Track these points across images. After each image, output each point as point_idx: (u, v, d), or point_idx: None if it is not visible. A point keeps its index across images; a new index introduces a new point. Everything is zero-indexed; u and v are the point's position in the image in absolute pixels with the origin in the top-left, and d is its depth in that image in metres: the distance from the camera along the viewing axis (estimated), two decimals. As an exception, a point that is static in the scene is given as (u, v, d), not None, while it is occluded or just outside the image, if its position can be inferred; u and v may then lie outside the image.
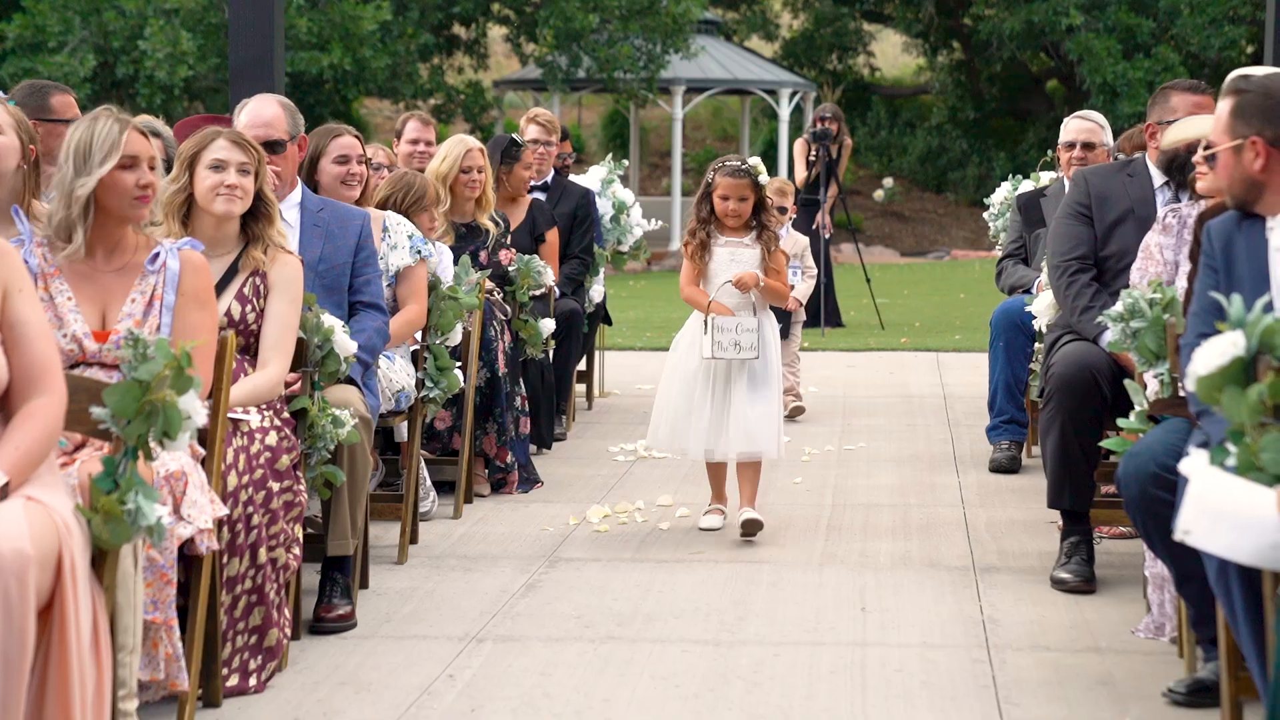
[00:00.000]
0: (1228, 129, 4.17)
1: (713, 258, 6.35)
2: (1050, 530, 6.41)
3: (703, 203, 6.39)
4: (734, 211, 6.32)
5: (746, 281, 6.27)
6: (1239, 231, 4.19)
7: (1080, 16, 25.65)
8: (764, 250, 6.36)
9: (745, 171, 6.34)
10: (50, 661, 3.30)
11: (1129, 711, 4.40)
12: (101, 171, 4.21)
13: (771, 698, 4.53)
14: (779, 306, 6.52)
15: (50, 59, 18.66)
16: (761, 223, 6.37)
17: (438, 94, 21.50)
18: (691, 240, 6.38)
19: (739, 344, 6.18)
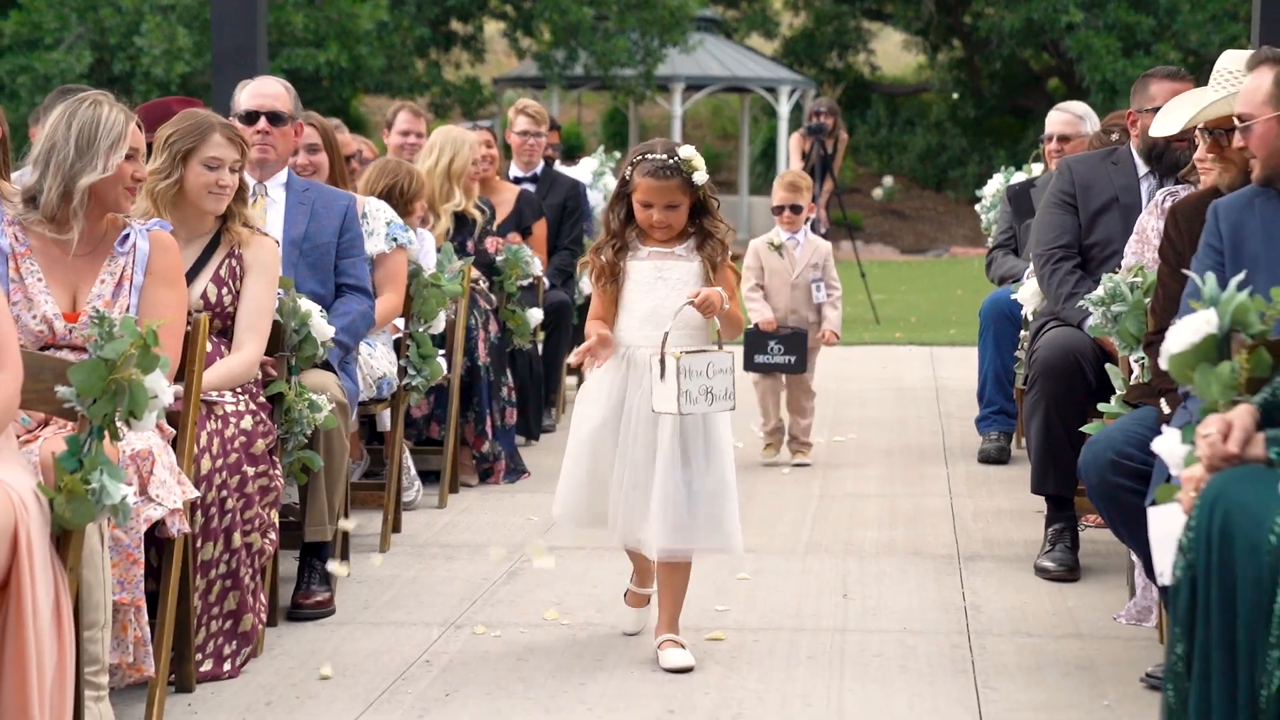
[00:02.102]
0: (1271, 99, 4.05)
1: (630, 277, 4.66)
2: (1037, 519, 6.37)
3: (616, 207, 4.68)
4: (660, 223, 4.63)
5: (712, 302, 4.54)
6: (1251, 211, 4.12)
7: (1080, 14, 25.60)
8: (706, 266, 4.66)
9: (673, 169, 4.57)
10: (6, 638, 3.27)
11: (1106, 696, 4.37)
12: (113, 162, 4.19)
13: (748, 682, 4.50)
14: (732, 337, 4.80)
15: (46, 56, 18.64)
16: (704, 229, 4.66)
17: (434, 89, 21.47)
18: (596, 259, 4.70)
19: (712, 391, 4.49)
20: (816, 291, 7.61)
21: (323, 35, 19.42)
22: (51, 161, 4.23)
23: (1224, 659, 3.11)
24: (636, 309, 4.66)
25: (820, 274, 7.65)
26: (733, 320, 4.70)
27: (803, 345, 7.52)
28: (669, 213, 4.63)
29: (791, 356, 7.50)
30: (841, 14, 29.12)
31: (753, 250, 7.66)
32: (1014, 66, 28.78)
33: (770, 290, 7.61)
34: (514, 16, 22.36)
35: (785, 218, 7.62)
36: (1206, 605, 3.14)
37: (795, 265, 7.60)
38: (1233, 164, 4.49)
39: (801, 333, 7.54)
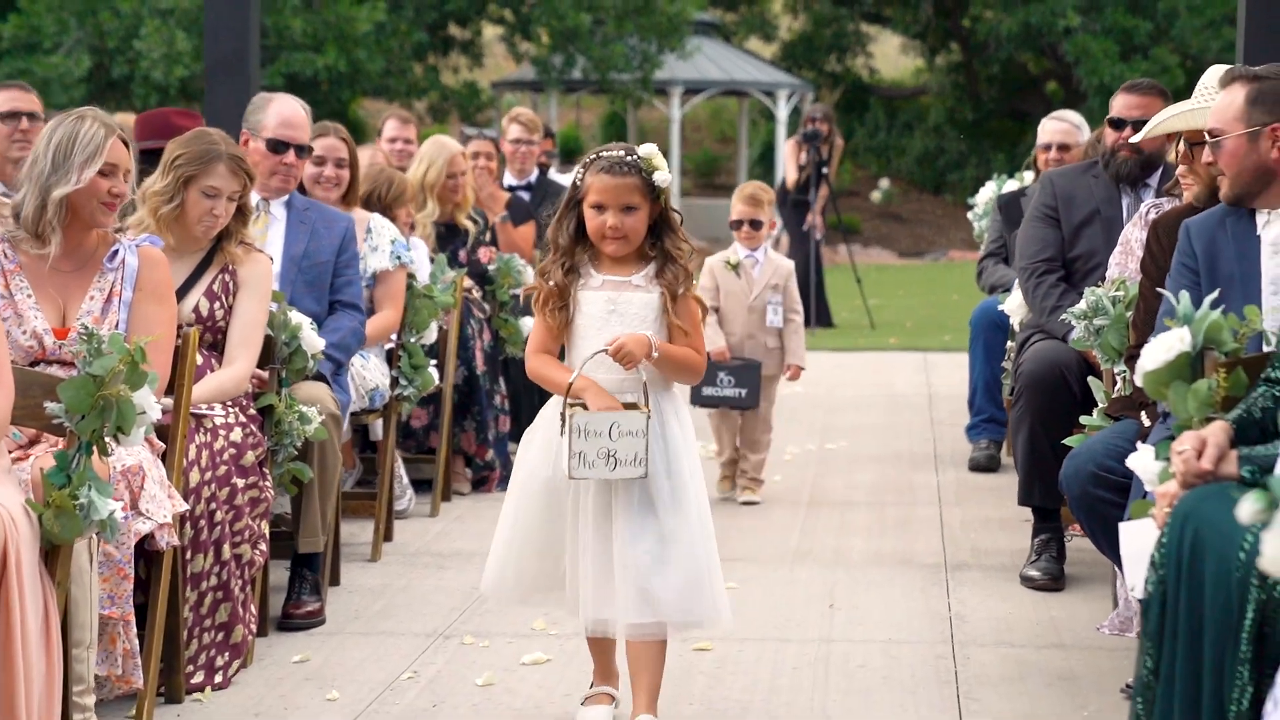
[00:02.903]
0: (1242, 117, 4.10)
1: (580, 308, 4.09)
2: (1025, 528, 6.39)
3: (566, 218, 4.11)
4: (614, 229, 4.02)
5: (631, 352, 3.99)
6: (1222, 230, 4.17)
7: (1077, 18, 25.65)
8: (666, 296, 4.08)
9: (631, 165, 4.03)
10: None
11: (1087, 706, 4.41)
12: (84, 177, 4.22)
13: (732, 692, 4.54)
14: (687, 383, 4.31)
15: (45, 60, 18.69)
16: (665, 251, 4.09)
17: (432, 94, 21.51)
18: (543, 282, 4.13)
19: (615, 455, 3.94)
20: (772, 314, 6.92)
21: (321, 39, 19.46)
22: (32, 176, 4.27)
23: (1189, 673, 3.16)
24: (587, 348, 4.06)
25: (780, 296, 6.97)
26: (684, 365, 4.11)
27: (755, 378, 6.83)
28: (625, 217, 4.01)
29: (742, 390, 6.81)
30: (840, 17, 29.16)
31: (708, 269, 6.96)
32: (1012, 70, 28.82)
33: (725, 313, 6.93)
34: (512, 21, 22.40)
35: (744, 233, 6.95)
36: (1175, 620, 3.18)
37: (753, 286, 6.92)
38: (1200, 178, 4.54)
39: (754, 365, 6.83)
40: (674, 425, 4.12)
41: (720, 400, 6.85)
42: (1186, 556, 3.15)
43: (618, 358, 4.00)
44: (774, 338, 6.98)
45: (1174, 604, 3.18)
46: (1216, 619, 3.08)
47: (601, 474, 3.96)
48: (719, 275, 6.96)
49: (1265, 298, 3.92)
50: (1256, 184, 4.06)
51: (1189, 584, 3.14)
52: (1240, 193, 4.09)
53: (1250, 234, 4.08)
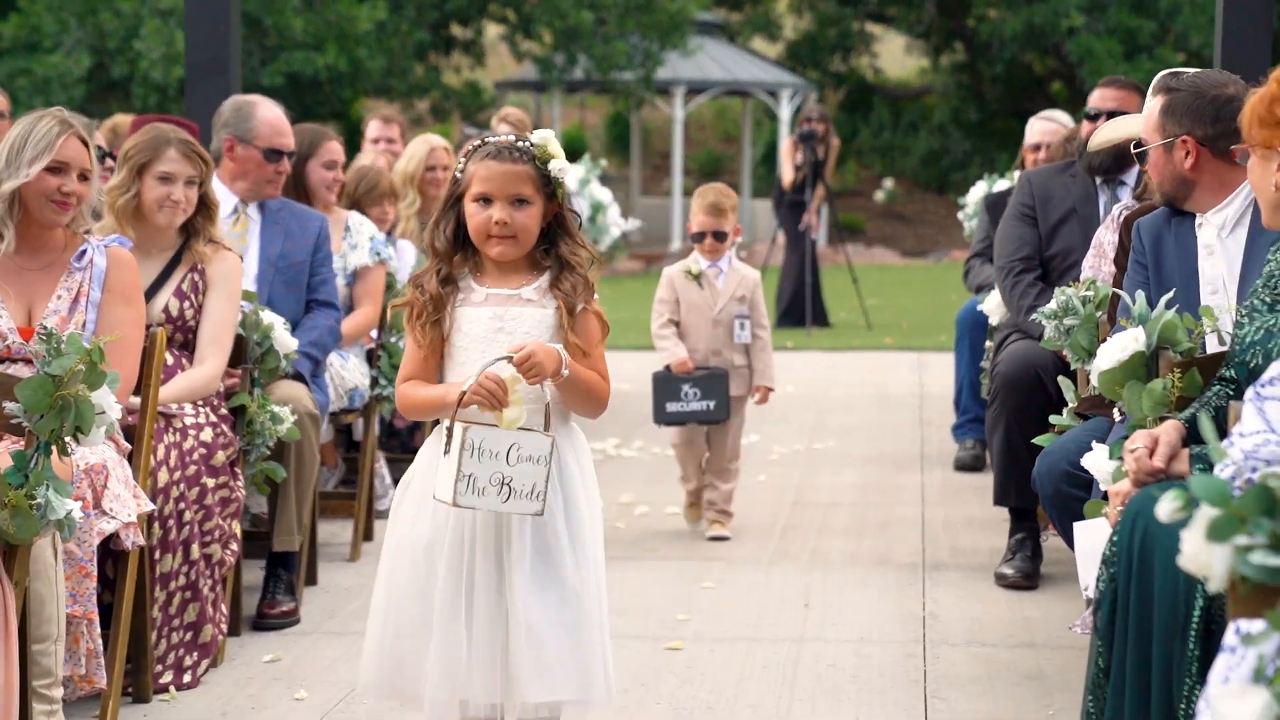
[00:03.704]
0: (1158, 128, 4.18)
1: (459, 327, 3.49)
2: (1005, 528, 6.40)
3: (445, 218, 3.53)
4: (501, 225, 3.43)
5: (541, 364, 3.37)
6: (1168, 229, 4.21)
7: (1081, 18, 25.64)
8: (562, 312, 3.48)
9: (522, 151, 3.45)
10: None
11: (1052, 705, 4.42)
12: (30, 172, 4.23)
13: (700, 693, 4.55)
14: (589, 415, 3.57)
15: (46, 59, 18.74)
16: (561, 258, 3.52)
17: (433, 93, 21.55)
18: (419, 295, 3.51)
19: (510, 484, 3.32)
20: (740, 330, 6.31)
21: (322, 38, 19.50)
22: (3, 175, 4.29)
23: (1139, 672, 3.17)
24: (466, 373, 3.40)
25: (746, 309, 6.34)
26: (591, 391, 3.49)
27: (723, 388, 6.24)
28: (515, 211, 3.43)
29: (710, 402, 6.22)
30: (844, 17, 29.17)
31: (666, 280, 6.39)
32: (1016, 70, 28.81)
33: (687, 327, 6.35)
34: (514, 20, 22.42)
35: (708, 246, 6.31)
36: (1125, 618, 3.19)
37: (717, 298, 6.33)
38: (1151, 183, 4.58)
39: (720, 373, 6.27)
40: (574, 466, 3.49)
41: (687, 415, 6.25)
42: (1137, 555, 3.15)
43: (524, 368, 3.36)
44: (740, 355, 6.35)
45: (1124, 602, 3.19)
46: (1165, 618, 3.09)
47: (492, 504, 3.32)
48: (679, 286, 6.34)
49: (1204, 297, 3.93)
50: (1179, 191, 4.11)
51: (1139, 582, 3.14)
52: (1167, 198, 4.15)
53: (1190, 234, 4.10)
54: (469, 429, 3.32)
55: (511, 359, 3.37)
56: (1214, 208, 4.10)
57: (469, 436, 3.31)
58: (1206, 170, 4.13)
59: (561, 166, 3.49)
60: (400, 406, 3.59)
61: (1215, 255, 4.06)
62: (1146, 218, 4.29)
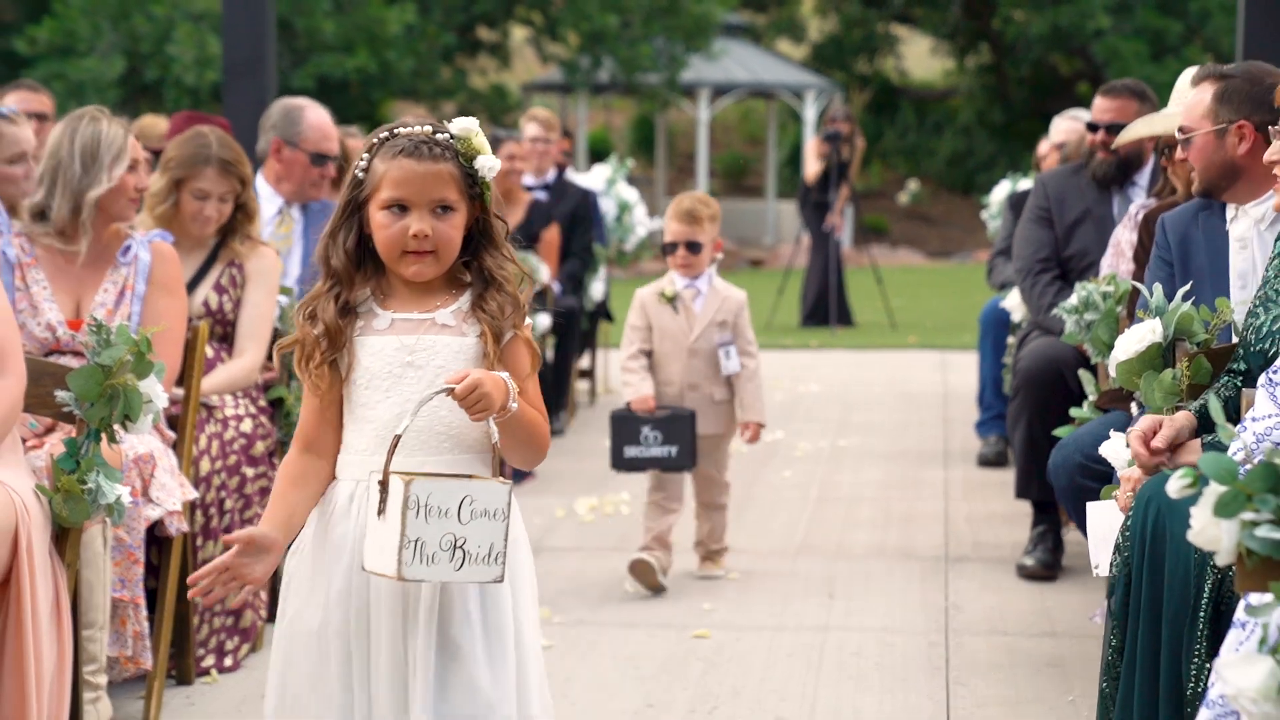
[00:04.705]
0: (1209, 114, 4.17)
1: (360, 363, 2.88)
2: (1027, 521, 6.50)
3: (343, 229, 2.92)
4: (420, 239, 2.85)
5: (489, 395, 2.76)
6: (1195, 224, 4.27)
7: (1108, 19, 25.66)
8: (487, 339, 2.87)
9: (444, 146, 2.88)
10: (6, 635, 3.45)
11: (1072, 691, 4.51)
12: (114, 175, 4.39)
13: (726, 679, 4.66)
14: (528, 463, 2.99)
15: (80, 63, 18.94)
16: (485, 275, 2.91)
17: (459, 95, 21.70)
18: (306, 327, 2.91)
19: (464, 546, 2.72)
20: (725, 359, 5.56)
21: (351, 41, 19.67)
22: (59, 179, 4.42)
23: (1149, 653, 3.25)
24: (372, 417, 2.86)
25: (730, 335, 5.59)
26: (534, 432, 2.89)
27: (687, 432, 5.49)
28: (437, 221, 2.85)
29: (672, 448, 5.51)
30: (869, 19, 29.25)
31: (638, 304, 5.66)
32: (1042, 72, 28.84)
33: (660, 357, 5.62)
34: (540, 23, 22.57)
35: (680, 258, 5.56)
36: (1138, 601, 3.28)
37: (694, 323, 5.60)
38: (1180, 179, 4.64)
39: (685, 415, 5.50)
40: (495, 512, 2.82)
41: (646, 462, 5.54)
42: (1149, 539, 3.25)
43: (467, 401, 2.74)
44: (723, 388, 5.63)
45: (1137, 585, 3.27)
46: (1175, 600, 3.18)
47: (444, 574, 2.72)
48: (651, 311, 5.62)
49: (1233, 292, 4.01)
50: (1224, 179, 4.15)
51: (1151, 566, 3.23)
52: (1208, 187, 4.18)
53: (1220, 229, 4.17)
54: (412, 482, 2.68)
55: (452, 391, 2.74)
56: (1254, 200, 4.14)
57: (412, 492, 2.67)
58: (1257, 158, 4.16)
59: (489, 164, 2.88)
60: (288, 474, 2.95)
61: (1248, 249, 4.11)
62: (1172, 213, 4.35)
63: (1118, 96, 5.81)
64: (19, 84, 6.41)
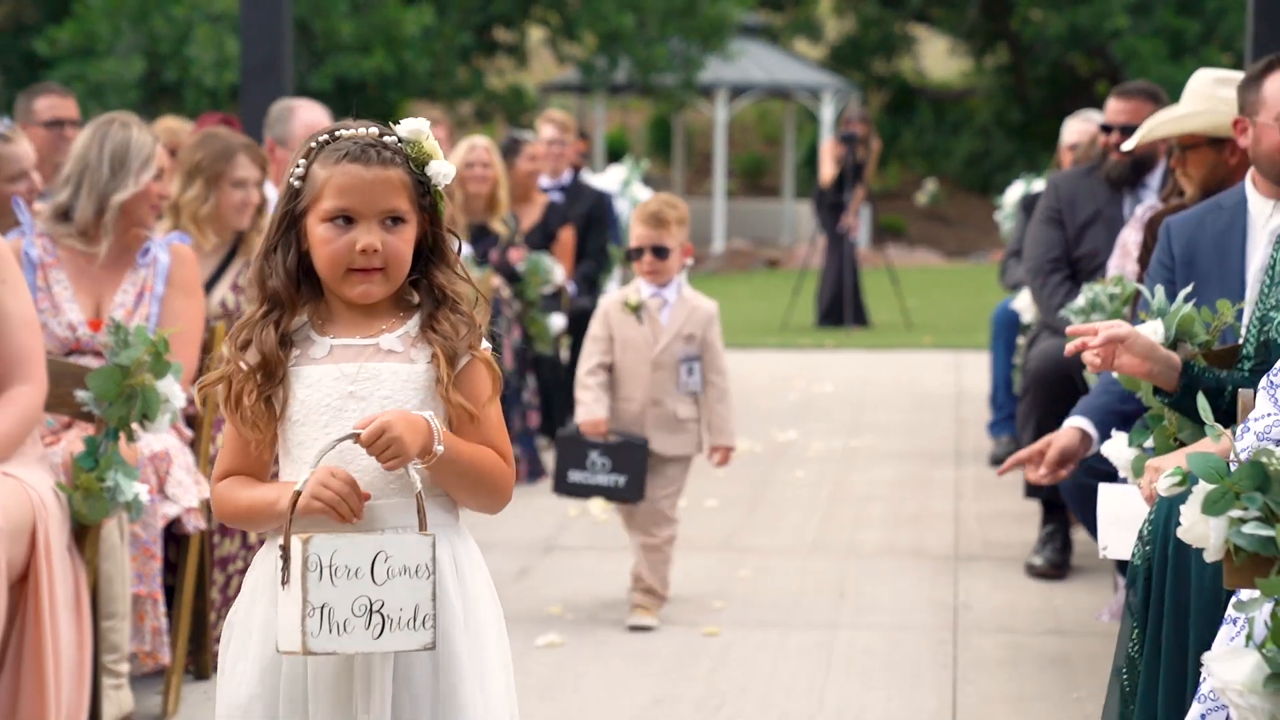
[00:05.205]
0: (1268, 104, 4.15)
1: (296, 396, 2.59)
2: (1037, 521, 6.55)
3: (280, 246, 2.62)
4: (369, 254, 2.56)
5: (399, 440, 2.48)
6: (1202, 227, 4.30)
7: (1126, 19, 25.65)
8: (440, 363, 2.58)
9: (392, 150, 2.60)
10: (26, 628, 3.54)
11: (1078, 689, 4.56)
12: (141, 180, 4.48)
13: (735, 676, 4.71)
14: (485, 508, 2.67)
15: (100, 65, 19.05)
16: (436, 293, 2.63)
17: (476, 96, 21.79)
18: (236, 356, 2.60)
19: (383, 610, 2.46)
20: (686, 375, 5.18)
21: (369, 42, 19.76)
22: (85, 181, 4.50)
23: (1175, 649, 3.26)
24: (309, 457, 2.54)
25: (696, 349, 5.20)
26: (476, 473, 2.59)
27: (638, 462, 5.12)
28: (387, 234, 2.57)
29: (620, 477, 5.14)
30: (887, 19, 29.27)
31: (601, 313, 5.31)
32: (1061, 72, 28.84)
33: (622, 370, 5.24)
34: (556, 23, 22.64)
35: (646, 264, 5.19)
36: (1160, 596, 3.29)
37: (659, 335, 5.21)
38: (1193, 181, 4.68)
39: (638, 444, 5.14)
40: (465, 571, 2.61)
41: (590, 489, 5.21)
42: (1173, 532, 3.25)
43: (375, 449, 2.47)
44: (688, 406, 5.23)
45: (1159, 581, 3.26)
46: (1204, 598, 3.16)
47: (360, 644, 2.44)
48: (615, 321, 5.25)
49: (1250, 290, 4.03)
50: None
51: (1175, 560, 3.20)
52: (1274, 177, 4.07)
53: (1228, 230, 4.20)
54: (310, 540, 2.42)
55: (357, 437, 2.47)
56: None
57: (311, 551, 2.42)
58: None
59: (443, 170, 2.61)
60: (220, 514, 2.68)
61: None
62: (1178, 216, 4.38)
63: (1131, 98, 5.85)
64: (46, 88, 6.50)
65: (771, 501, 7.10)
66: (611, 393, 5.26)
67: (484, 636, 2.61)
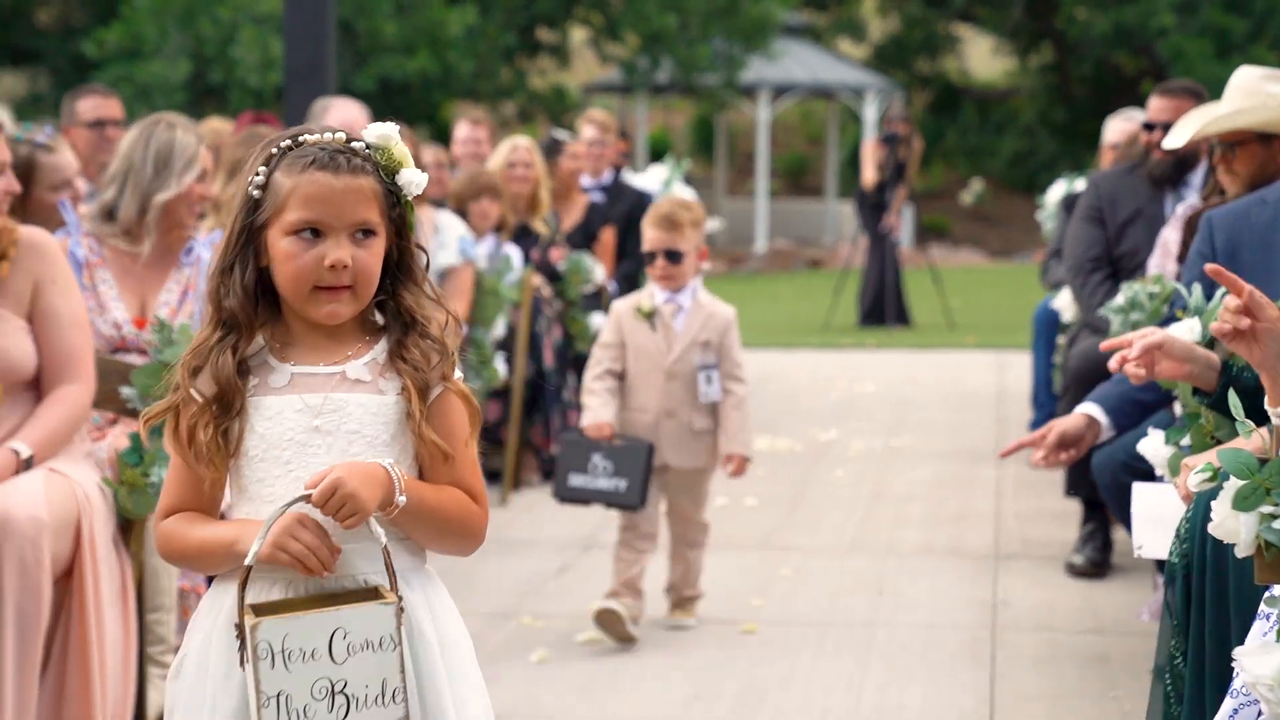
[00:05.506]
0: None
1: (254, 429, 2.40)
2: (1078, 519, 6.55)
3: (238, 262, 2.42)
4: (336, 272, 2.38)
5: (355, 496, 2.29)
6: (1245, 221, 4.28)
7: (1172, 18, 25.51)
8: (410, 395, 2.40)
9: (362, 157, 2.42)
10: (71, 622, 3.59)
11: (1117, 687, 4.56)
12: (184, 182, 4.53)
13: (774, 671, 4.74)
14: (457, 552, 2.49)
15: (146, 66, 19.21)
16: (404, 315, 2.45)
17: (519, 96, 21.86)
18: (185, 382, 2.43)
19: (346, 690, 2.29)
20: (705, 385, 4.97)
21: (412, 43, 19.86)
22: (129, 180, 4.56)
23: (1216, 648, 3.25)
24: (270, 496, 2.37)
25: (713, 357, 5.00)
26: (444, 522, 2.41)
27: (641, 466, 4.92)
28: (358, 249, 2.38)
29: (622, 481, 4.95)
30: (931, 18, 29.20)
31: (614, 320, 5.11)
32: (1105, 71, 28.71)
33: (634, 380, 5.05)
34: (599, 24, 22.69)
35: (660, 269, 5.00)
36: (1201, 595, 3.27)
37: (673, 343, 5.02)
38: (1237, 178, 4.66)
39: (641, 447, 4.94)
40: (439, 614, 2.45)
41: (591, 494, 5.02)
42: None
43: (328, 508, 2.28)
44: (704, 416, 5.03)
45: (1199, 579, 3.24)
46: (1243, 595, 3.13)
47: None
48: (627, 328, 5.06)
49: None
50: None
51: (1214, 559, 3.18)
52: None
53: (1275, 224, 4.18)
54: (258, 626, 2.23)
55: (308, 498, 2.28)
56: None
57: (260, 638, 2.23)
58: None
59: (415, 179, 2.42)
60: (166, 553, 2.46)
61: None
62: (1219, 210, 4.36)
63: (1175, 96, 5.84)
64: (90, 89, 6.57)
65: (812, 501, 7.11)
66: (622, 403, 5.03)
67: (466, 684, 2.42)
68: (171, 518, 2.44)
